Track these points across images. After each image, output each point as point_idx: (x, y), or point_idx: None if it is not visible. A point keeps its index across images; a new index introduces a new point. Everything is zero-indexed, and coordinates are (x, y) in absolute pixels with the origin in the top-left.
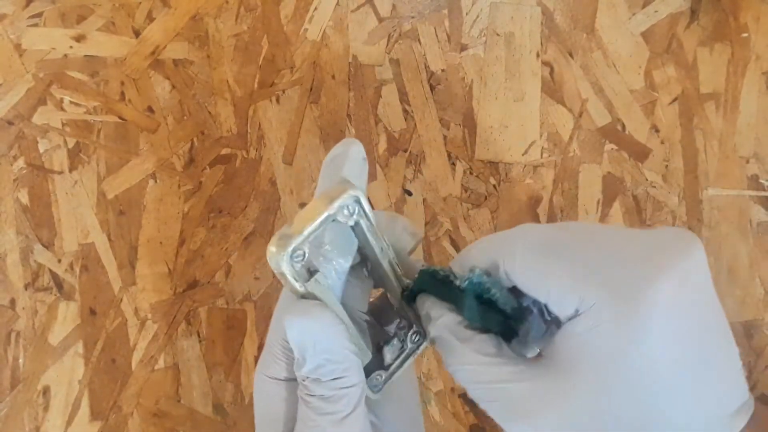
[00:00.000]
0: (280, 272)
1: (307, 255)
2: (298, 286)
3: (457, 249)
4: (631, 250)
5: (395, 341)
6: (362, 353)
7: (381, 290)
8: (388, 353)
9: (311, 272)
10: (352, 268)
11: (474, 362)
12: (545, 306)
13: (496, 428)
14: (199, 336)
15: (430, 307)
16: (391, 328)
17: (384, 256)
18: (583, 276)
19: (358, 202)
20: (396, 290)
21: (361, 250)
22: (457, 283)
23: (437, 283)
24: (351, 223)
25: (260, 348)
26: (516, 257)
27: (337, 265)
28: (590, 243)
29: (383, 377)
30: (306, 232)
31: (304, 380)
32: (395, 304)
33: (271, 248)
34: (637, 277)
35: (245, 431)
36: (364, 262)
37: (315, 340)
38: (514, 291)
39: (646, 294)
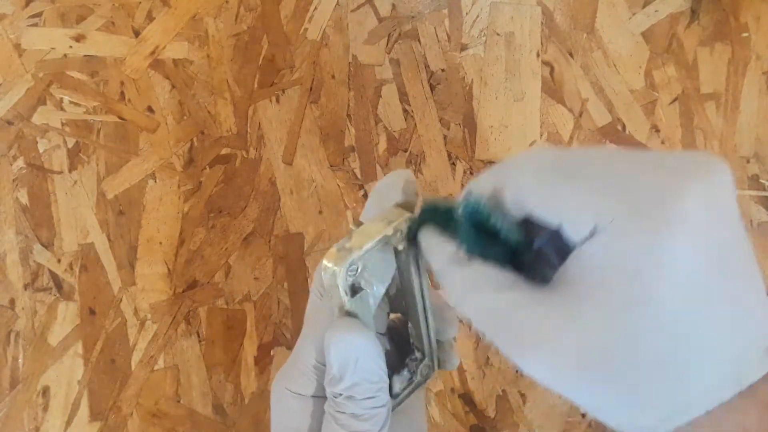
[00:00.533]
0: (334, 284)
1: (359, 271)
2: (346, 300)
3: None
4: (653, 165)
5: (405, 372)
6: None
7: (398, 316)
8: (397, 382)
9: (355, 290)
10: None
11: (475, 289)
12: (560, 233)
13: (495, 428)
14: (198, 336)
15: (429, 239)
16: (404, 358)
17: (418, 286)
18: (601, 190)
19: (411, 228)
20: (419, 321)
21: (393, 277)
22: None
23: (438, 217)
24: (400, 247)
25: (260, 348)
26: (525, 176)
27: (375, 290)
28: (608, 158)
29: (390, 405)
30: (365, 248)
31: (336, 397)
32: (413, 334)
33: (329, 260)
34: (661, 191)
35: (245, 431)
36: (388, 289)
37: (357, 358)
38: (525, 227)
39: (672, 209)
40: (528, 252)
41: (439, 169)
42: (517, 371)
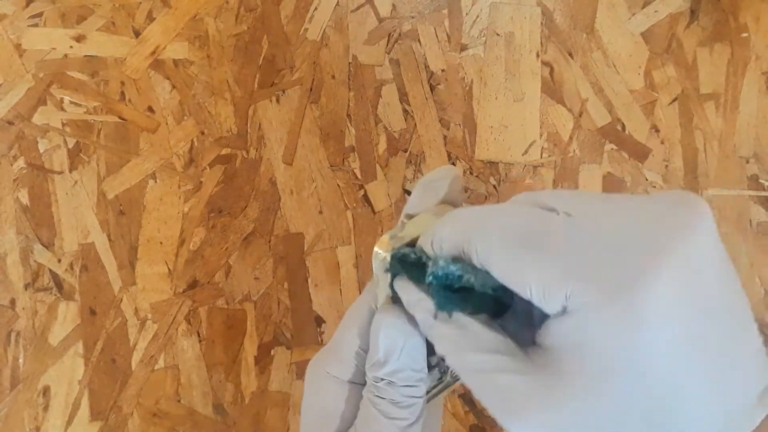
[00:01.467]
0: (384, 270)
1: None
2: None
3: None
4: (623, 235)
5: (435, 371)
6: None
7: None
8: (428, 380)
9: None
10: None
11: (459, 347)
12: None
13: (495, 428)
14: (199, 336)
15: (407, 293)
16: (434, 358)
17: None
18: (569, 271)
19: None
20: None
21: None
22: (428, 268)
23: (410, 268)
24: None
25: (260, 348)
26: (491, 249)
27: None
28: (576, 229)
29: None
30: (416, 237)
31: (377, 382)
32: None
33: (381, 247)
34: (630, 271)
35: (245, 431)
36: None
37: (404, 344)
38: None
39: (642, 289)
40: (508, 293)
41: None
42: None
